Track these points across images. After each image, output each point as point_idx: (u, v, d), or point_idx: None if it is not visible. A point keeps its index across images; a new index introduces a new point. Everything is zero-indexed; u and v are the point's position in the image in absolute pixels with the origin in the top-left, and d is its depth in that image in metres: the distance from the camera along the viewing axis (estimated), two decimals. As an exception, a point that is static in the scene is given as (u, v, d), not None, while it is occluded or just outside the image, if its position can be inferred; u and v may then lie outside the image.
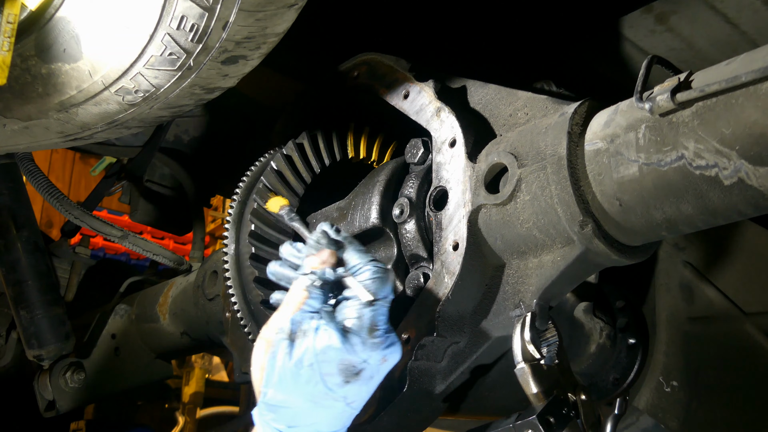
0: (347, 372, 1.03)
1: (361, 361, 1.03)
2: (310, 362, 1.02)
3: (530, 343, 1.09)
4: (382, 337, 1.05)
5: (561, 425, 1.03)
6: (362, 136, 1.64)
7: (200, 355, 4.76)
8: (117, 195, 2.95)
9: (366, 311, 1.06)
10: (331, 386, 1.03)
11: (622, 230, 1.07)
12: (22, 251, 2.21)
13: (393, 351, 1.07)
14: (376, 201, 1.42)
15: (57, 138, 1.44)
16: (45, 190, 2.21)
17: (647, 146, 0.98)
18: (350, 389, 1.04)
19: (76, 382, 2.27)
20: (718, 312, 1.62)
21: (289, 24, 1.19)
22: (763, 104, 0.85)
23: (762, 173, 0.87)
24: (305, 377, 1.03)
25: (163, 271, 2.86)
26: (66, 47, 1.19)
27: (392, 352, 1.07)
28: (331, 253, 1.11)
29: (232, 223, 1.62)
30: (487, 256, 1.22)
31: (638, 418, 1.72)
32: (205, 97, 1.36)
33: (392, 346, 1.07)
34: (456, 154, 1.28)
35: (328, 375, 1.02)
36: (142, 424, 3.47)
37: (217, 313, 1.87)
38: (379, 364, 1.05)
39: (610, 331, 1.60)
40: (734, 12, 1.46)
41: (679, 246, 1.69)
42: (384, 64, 1.52)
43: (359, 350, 1.03)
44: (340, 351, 1.02)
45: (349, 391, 1.04)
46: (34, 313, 2.20)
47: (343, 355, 1.02)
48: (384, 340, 1.06)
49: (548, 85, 1.48)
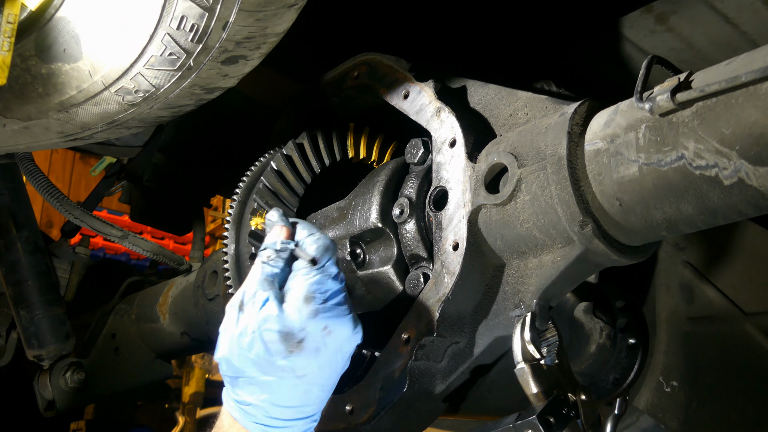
0: (288, 340, 1.04)
1: (299, 328, 1.04)
2: (252, 329, 1.05)
3: (530, 343, 1.09)
4: (320, 305, 1.06)
5: (561, 425, 1.03)
6: (362, 136, 1.64)
7: (200, 355, 4.76)
8: (117, 195, 2.95)
9: (303, 280, 1.09)
10: (274, 354, 1.04)
11: (622, 230, 1.07)
12: (22, 251, 2.21)
13: (337, 323, 1.07)
14: (376, 201, 1.42)
15: (57, 138, 1.44)
16: (45, 190, 2.21)
17: (647, 146, 0.98)
18: (297, 360, 1.04)
19: (76, 382, 2.28)
20: (718, 312, 1.62)
21: (289, 24, 1.19)
22: (763, 104, 0.85)
23: (762, 173, 0.87)
24: (249, 344, 1.05)
25: (163, 271, 2.86)
26: (66, 47, 1.19)
27: (336, 323, 1.07)
28: (282, 227, 1.16)
29: (232, 223, 1.62)
30: (487, 256, 1.22)
31: (638, 418, 1.72)
32: (205, 97, 1.36)
33: (337, 317, 1.07)
34: (456, 154, 1.28)
35: (271, 342, 1.04)
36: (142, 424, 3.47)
37: (217, 313, 1.87)
38: (323, 335, 1.06)
39: (610, 331, 1.60)
40: (734, 12, 1.46)
41: (679, 246, 1.69)
42: (384, 64, 1.52)
43: (295, 317, 1.05)
44: (277, 318, 1.04)
45: (296, 363, 1.04)
46: (34, 313, 2.20)
47: (281, 322, 1.04)
48: (322, 309, 1.06)
49: (548, 85, 1.48)
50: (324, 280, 1.10)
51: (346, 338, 1.08)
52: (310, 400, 1.08)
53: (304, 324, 1.05)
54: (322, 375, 1.07)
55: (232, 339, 1.07)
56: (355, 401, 1.32)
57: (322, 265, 1.11)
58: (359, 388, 1.33)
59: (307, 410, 1.09)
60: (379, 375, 1.29)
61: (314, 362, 1.06)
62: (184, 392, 4.78)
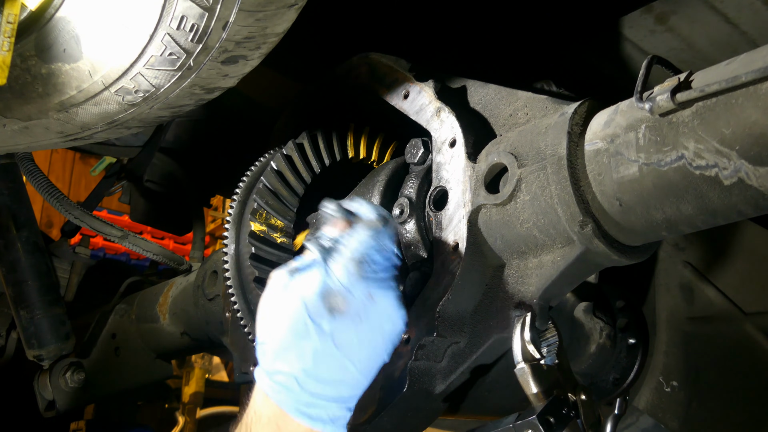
0: (329, 301, 1.01)
1: (343, 289, 1.02)
2: (295, 290, 1.02)
3: (530, 343, 1.09)
4: (368, 270, 1.04)
5: (561, 425, 1.03)
6: (362, 136, 1.64)
7: (200, 355, 4.76)
8: (117, 195, 2.95)
9: (357, 242, 1.06)
10: (314, 317, 1.00)
11: (622, 230, 1.07)
12: (22, 251, 2.21)
13: (383, 294, 1.05)
14: (376, 201, 1.42)
15: (57, 138, 1.44)
16: (45, 190, 2.21)
17: (647, 146, 0.98)
18: (337, 325, 1.01)
19: (76, 382, 2.27)
20: (718, 312, 1.62)
21: (289, 24, 1.19)
22: (763, 104, 0.85)
23: (762, 173, 0.87)
24: (289, 305, 1.02)
25: (163, 271, 2.86)
26: (66, 47, 1.19)
27: (381, 294, 1.04)
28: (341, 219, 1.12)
29: (232, 223, 1.62)
30: (487, 256, 1.22)
31: (638, 418, 1.72)
32: (205, 97, 1.36)
33: (384, 289, 1.05)
34: (456, 154, 1.28)
35: (312, 304, 1.01)
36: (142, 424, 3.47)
37: (217, 313, 1.87)
38: (366, 302, 1.03)
39: (610, 331, 1.60)
40: (734, 12, 1.46)
41: (679, 246, 1.69)
42: (384, 64, 1.52)
43: (342, 276, 1.02)
44: (322, 277, 1.02)
45: (336, 327, 1.01)
46: (34, 313, 2.20)
47: (325, 281, 1.01)
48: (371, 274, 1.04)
49: (548, 85, 1.48)
50: (379, 247, 1.07)
51: (388, 315, 1.05)
52: (347, 379, 1.03)
53: (349, 285, 1.02)
54: (361, 351, 1.03)
55: (274, 302, 1.04)
56: (355, 401, 1.32)
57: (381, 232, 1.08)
58: (359, 388, 1.33)
59: (343, 391, 1.04)
60: (379, 375, 1.29)
61: (353, 331, 1.02)
62: (184, 392, 4.78)
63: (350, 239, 1.07)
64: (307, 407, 1.02)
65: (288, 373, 1.02)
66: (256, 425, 1.05)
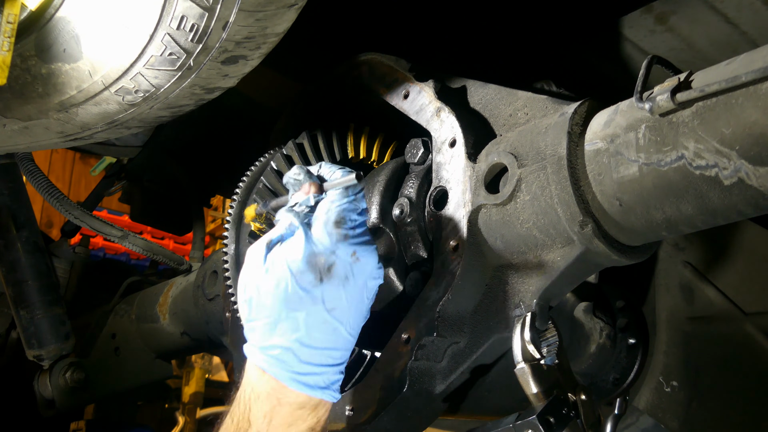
0: (317, 267, 1.01)
1: (328, 252, 1.02)
2: (279, 262, 1.02)
3: (530, 343, 1.09)
4: (349, 231, 1.04)
5: (561, 425, 1.03)
6: (362, 136, 1.64)
7: (200, 355, 4.76)
8: (117, 195, 2.95)
9: (334, 205, 1.07)
10: (304, 285, 1.01)
11: (622, 230, 1.07)
12: (22, 251, 2.21)
13: (366, 251, 1.05)
14: (376, 201, 1.42)
15: (57, 138, 1.44)
16: (45, 190, 2.21)
17: (647, 146, 0.98)
18: (326, 289, 1.01)
19: (76, 382, 2.28)
20: (718, 312, 1.62)
21: (289, 24, 1.19)
22: (763, 104, 0.85)
23: (762, 173, 0.87)
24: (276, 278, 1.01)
25: (163, 271, 2.86)
26: (66, 47, 1.19)
27: (364, 252, 1.05)
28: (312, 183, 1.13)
29: (232, 223, 1.62)
30: (487, 256, 1.22)
31: (638, 418, 1.72)
32: (205, 97, 1.36)
33: (365, 246, 1.06)
34: (456, 154, 1.28)
35: (299, 273, 1.01)
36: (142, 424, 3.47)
37: (217, 313, 1.87)
38: (351, 261, 1.03)
39: (610, 331, 1.60)
40: (734, 12, 1.46)
41: (679, 246, 1.69)
42: (384, 64, 1.52)
43: (325, 240, 1.02)
44: (306, 244, 1.02)
45: (326, 292, 1.01)
46: (34, 313, 2.20)
47: (310, 247, 1.02)
48: (352, 234, 1.04)
49: (548, 85, 1.48)
50: (355, 207, 1.08)
51: (370, 271, 1.06)
52: (339, 343, 1.04)
53: (334, 247, 1.02)
54: (350, 311, 1.04)
55: (258, 277, 1.04)
56: (355, 401, 1.32)
57: (353, 195, 1.09)
58: (359, 388, 1.33)
59: (336, 355, 1.05)
60: (379, 375, 1.29)
61: (343, 293, 1.03)
62: (184, 392, 4.77)
63: (325, 201, 1.09)
64: (304, 376, 1.03)
65: (283, 346, 1.02)
66: (256, 402, 1.06)
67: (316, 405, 1.05)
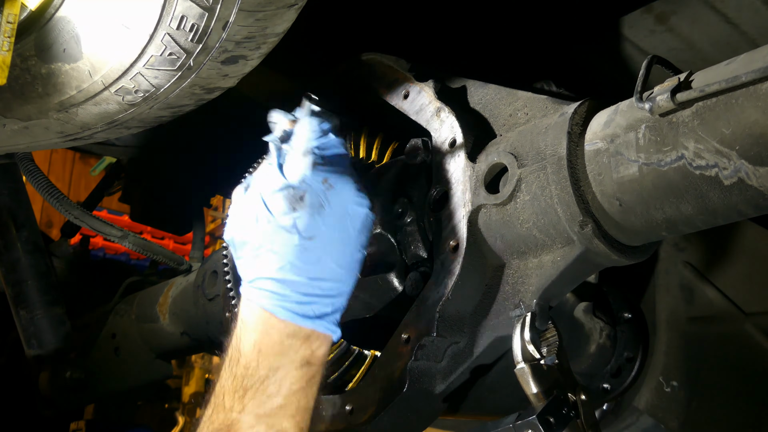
0: (289, 196, 1.03)
1: (298, 181, 1.04)
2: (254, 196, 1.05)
3: (530, 343, 1.09)
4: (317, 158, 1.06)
5: (561, 425, 1.03)
6: (362, 136, 1.64)
7: (200, 355, 4.76)
8: (117, 195, 2.95)
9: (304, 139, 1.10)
10: (277, 214, 1.02)
11: (622, 230, 1.07)
12: (22, 251, 2.21)
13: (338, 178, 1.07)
14: (376, 201, 1.41)
15: (57, 138, 1.44)
16: (45, 190, 2.21)
17: (647, 146, 0.98)
18: (301, 217, 1.03)
19: (75, 382, 2.27)
20: (718, 312, 1.62)
21: (290, 24, 1.19)
22: (763, 104, 0.85)
23: (762, 173, 0.87)
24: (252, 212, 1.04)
25: (163, 271, 2.86)
26: (66, 47, 1.19)
27: (337, 178, 1.07)
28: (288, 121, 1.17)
29: (232, 223, 1.62)
30: (487, 256, 1.22)
31: (638, 418, 1.72)
32: (205, 97, 1.36)
33: (337, 174, 1.07)
34: (456, 154, 1.28)
35: (272, 203, 1.03)
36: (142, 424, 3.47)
37: (217, 313, 1.87)
38: (324, 189, 1.05)
39: (610, 331, 1.60)
40: (734, 12, 1.46)
41: (679, 246, 1.69)
42: (384, 64, 1.52)
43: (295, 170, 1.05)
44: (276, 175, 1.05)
45: (300, 220, 1.03)
46: (34, 313, 2.20)
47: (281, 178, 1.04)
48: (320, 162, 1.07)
49: (548, 85, 1.48)
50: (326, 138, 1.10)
51: (349, 198, 1.07)
52: (326, 273, 1.04)
53: (302, 176, 1.04)
54: (333, 241, 1.05)
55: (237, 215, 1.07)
56: (355, 401, 1.32)
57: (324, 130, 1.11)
58: (359, 388, 1.33)
59: (325, 286, 1.05)
60: (379, 375, 1.29)
61: (319, 220, 1.04)
62: (184, 392, 4.78)
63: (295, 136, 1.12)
64: (291, 304, 1.03)
65: (266, 277, 1.03)
66: (244, 333, 1.07)
67: (308, 335, 1.05)
